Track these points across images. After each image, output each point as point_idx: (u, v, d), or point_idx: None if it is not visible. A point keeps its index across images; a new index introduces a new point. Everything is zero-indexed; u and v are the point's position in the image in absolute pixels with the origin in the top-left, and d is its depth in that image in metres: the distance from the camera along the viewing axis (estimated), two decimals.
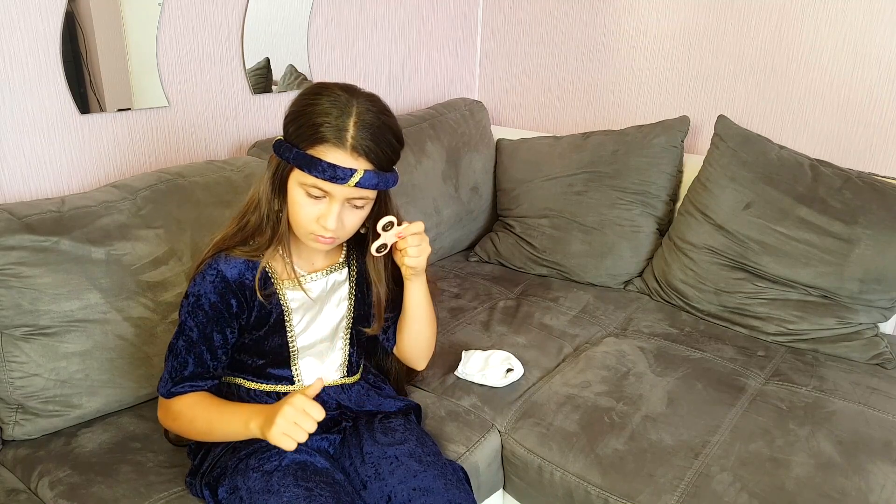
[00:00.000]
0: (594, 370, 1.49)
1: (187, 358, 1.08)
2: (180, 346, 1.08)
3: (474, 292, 1.84)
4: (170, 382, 1.08)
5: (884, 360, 1.54)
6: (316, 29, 1.89)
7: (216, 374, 1.11)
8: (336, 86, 1.03)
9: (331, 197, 1.02)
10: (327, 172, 0.98)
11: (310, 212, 1.03)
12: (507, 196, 2.08)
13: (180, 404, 1.09)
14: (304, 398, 0.95)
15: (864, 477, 1.20)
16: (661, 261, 1.83)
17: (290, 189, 1.04)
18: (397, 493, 1.08)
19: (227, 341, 1.10)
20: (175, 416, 1.09)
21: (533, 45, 2.28)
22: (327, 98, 1.00)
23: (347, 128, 0.99)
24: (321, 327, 1.17)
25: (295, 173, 1.02)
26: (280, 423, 0.94)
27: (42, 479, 1.15)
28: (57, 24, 1.39)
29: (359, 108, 1.00)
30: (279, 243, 1.09)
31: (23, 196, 1.43)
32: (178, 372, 1.08)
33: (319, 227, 1.03)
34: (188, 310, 1.07)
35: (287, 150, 1.01)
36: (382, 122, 1.02)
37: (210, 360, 1.09)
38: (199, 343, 1.07)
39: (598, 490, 1.22)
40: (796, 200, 1.63)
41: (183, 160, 1.68)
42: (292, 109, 1.03)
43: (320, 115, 0.99)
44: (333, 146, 0.99)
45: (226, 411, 1.06)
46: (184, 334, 1.08)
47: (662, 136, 1.89)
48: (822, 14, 1.76)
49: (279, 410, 0.95)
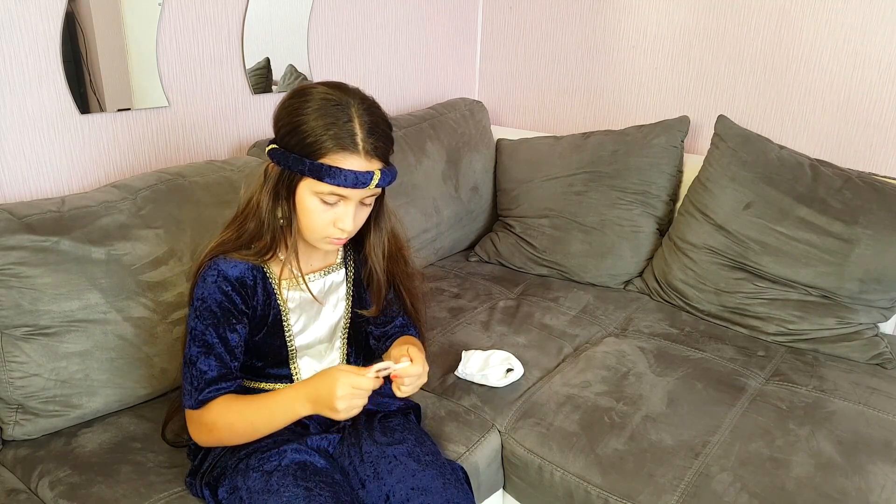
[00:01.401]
0: (594, 370, 1.49)
1: (208, 361, 1.06)
2: (195, 354, 1.06)
3: (474, 292, 1.84)
4: (195, 392, 1.05)
5: (884, 360, 1.54)
6: (316, 29, 1.89)
7: (237, 375, 1.10)
8: (325, 87, 1.02)
9: (346, 200, 1.03)
10: (350, 180, 0.99)
11: (325, 217, 1.03)
12: (507, 196, 2.08)
13: (212, 414, 1.06)
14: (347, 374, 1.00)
15: (864, 477, 1.20)
16: (661, 261, 1.83)
17: (302, 197, 1.03)
18: (396, 493, 1.08)
19: (241, 339, 1.09)
20: (210, 427, 1.07)
21: (533, 45, 2.28)
22: (324, 103, 0.99)
23: (356, 132, 0.99)
24: (319, 328, 1.18)
25: (307, 182, 1.02)
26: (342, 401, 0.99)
27: (42, 479, 1.15)
28: (57, 24, 1.39)
29: (358, 108, 1.00)
30: (284, 248, 1.09)
31: (23, 196, 1.43)
32: (199, 379, 1.05)
33: (336, 230, 1.04)
34: (196, 314, 1.06)
35: (297, 161, 1.00)
36: (380, 117, 1.03)
37: (230, 360, 1.08)
38: (216, 345, 1.06)
39: (598, 490, 1.22)
40: (796, 200, 1.63)
41: (183, 160, 1.68)
42: (289, 119, 1.01)
43: (326, 122, 0.98)
44: (349, 153, 0.99)
45: (264, 408, 1.05)
46: (196, 340, 1.06)
47: (662, 136, 1.89)
48: (822, 14, 1.76)
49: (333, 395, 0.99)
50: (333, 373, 1.01)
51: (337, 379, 0.99)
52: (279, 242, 1.08)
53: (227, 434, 1.07)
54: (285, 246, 1.09)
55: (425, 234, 1.95)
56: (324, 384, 1.01)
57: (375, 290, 1.20)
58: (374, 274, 1.18)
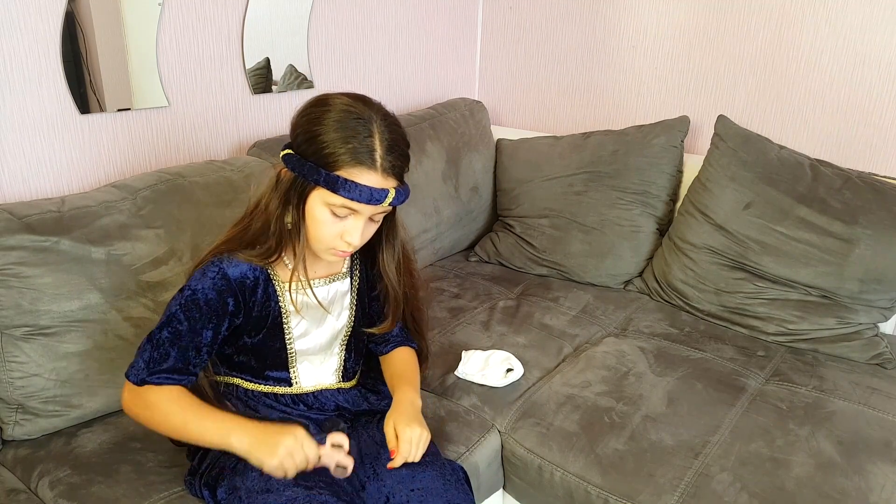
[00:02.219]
0: (594, 370, 1.49)
1: (170, 350, 1.04)
2: (164, 337, 1.04)
3: (474, 292, 1.84)
4: (145, 371, 1.04)
5: (884, 360, 1.54)
6: (316, 29, 1.89)
7: (195, 372, 1.08)
8: (348, 99, 1.01)
9: (357, 214, 1.02)
10: (364, 195, 0.98)
11: (333, 229, 1.03)
12: (507, 196, 2.08)
13: (157, 395, 1.05)
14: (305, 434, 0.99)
15: (864, 477, 1.20)
16: (661, 261, 1.83)
17: (312, 207, 1.02)
18: (395, 494, 1.08)
19: (216, 340, 1.08)
20: (147, 405, 1.05)
21: (533, 45, 2.28)
22: (346, 115, 0.98)
23: (376, 148, 0.98)
24: (321, 335, 1.17)
25: (319, 192, 1.01)
26: (282, 454, 0.97)
27: (42, 479, 1.15)
28: (57, 24, 1.39)
29: (379, 125, 0.99)
30: (291, 254, 1.09)
31: (23, 196, 1.43)
32: (156, 363, 1.04)
33: (343, 242, 1.04)
34: (181, 302, 1.05)
35: (312, 170, 0.99)
36: (400, 136, 1.02)
37: (194, 357, 1.06)
38: (187, 337, 1.05)
39: (598, 490, 1.22)
40: (796, 200, 1.63)
41: (183, 160, 1.68)
42: (308, 127, 1.00)
43: (346, 135, 0.97)
44: (367, 169, 0.98)
45: (206, 416, 1.03)
46: (170, 326, 1.05)
47: (662, 136, 1.89)
48: (822, 14, 1.76)
49: (279, 440, 0.97)
50: (294, 429, 1.00)
51: (293, 433, 0.99)
52: (284, 247, 1.08)
53: (159, 420, 1.05)
54: (292, 251, 1.09)
55: (425, 234, 1.95)
56: (278, 431, 1.00)
57: (393, 305, 1.19)
58: (391, 290, 1.18)
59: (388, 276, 1.17)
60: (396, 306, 1.19)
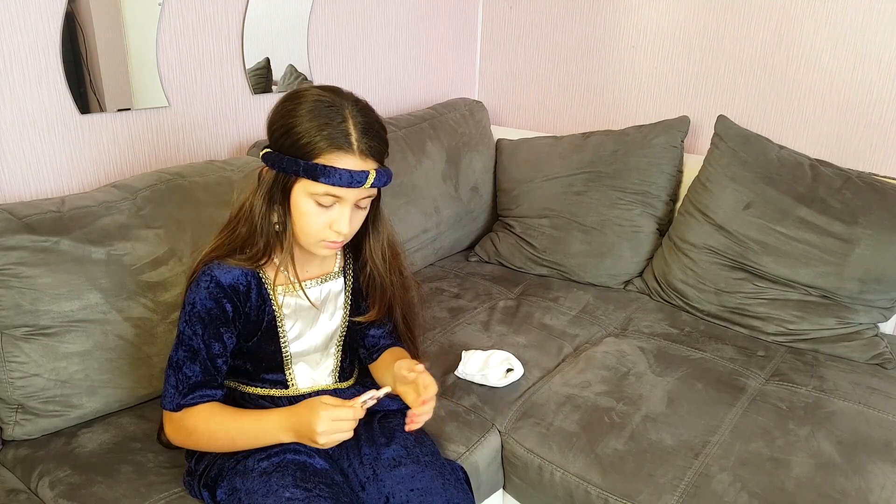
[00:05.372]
0: (594, 370, 1.49)
1: (193, 367, 1.06)
2: (181, 357, 1.06)
3: (474, 292, 1.84)
4: (177, 396, 1.06)
5: (884, 360, 1.54)
6: (316, 29, 1.89)
7: (220, 383, 1.10)
8: (318, 90, 1.02)
9: (342, 202, 1.03)
10: (344, 179, 0.99)
11: (320, 220, 1.03)
12: (507, 196, 2.08)
13: (194, 418, 1.06)
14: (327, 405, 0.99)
15: (864, 477, 1.20)
16: (661, 261, 1.83)
17: (297, 200, 1.03)
18: (395, 494, 1.08)
19: (227, 349, 1.09)
20: (190, 431, 1.07)
21: (533, 45, 2.28)
22: (318, 104, 1.00)
23: (350, 132, 0.99)
24: (315, 335, 1.17)
25: (302, 184, 1.02)
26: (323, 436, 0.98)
27: (42, 479, 1.15)
28: (57, 24, 1.39)
29: (352, 109, 1.01)
30: (279, 253, 1.09)
31: (23, 196, 1.43)
32: (183, 383, 1.06)
33: (332, 232, 1.04)
34: (185, 319, 1.06)
35: (291, 162, 1.00)
36: (374, 119, 1.03)
37: (213, 368, 1.08)
38: (202, 351, 1.06)
39: (598, 490, 1.22)
40: (796, 200, 1.63)
41: (183, 160, 1.68)
42: (283, 122, 1.01)
43: (320, 123, 0.98)
44: (344, 153, 0.99)
45: (248, 428, 1.05)
46: (184, 344, 1.06)
47: (662, 136, 1.89)
48: (822, 14, 1.76)
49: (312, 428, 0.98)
50: (315, 406, 1.00)
51: (317, 414, 0.98)
52: (273, 248, 1.08)
53: (206, 442, 1.07)
54: (280, 251, 1.09)
55: (425, 234, 1.95)
56: (305, 418, 1.00)
57: (378, 293, 1.19)
58: (375, 277, 1.18)
59: (375, 261, 1.17)
60: (383, 293, 1.19)
